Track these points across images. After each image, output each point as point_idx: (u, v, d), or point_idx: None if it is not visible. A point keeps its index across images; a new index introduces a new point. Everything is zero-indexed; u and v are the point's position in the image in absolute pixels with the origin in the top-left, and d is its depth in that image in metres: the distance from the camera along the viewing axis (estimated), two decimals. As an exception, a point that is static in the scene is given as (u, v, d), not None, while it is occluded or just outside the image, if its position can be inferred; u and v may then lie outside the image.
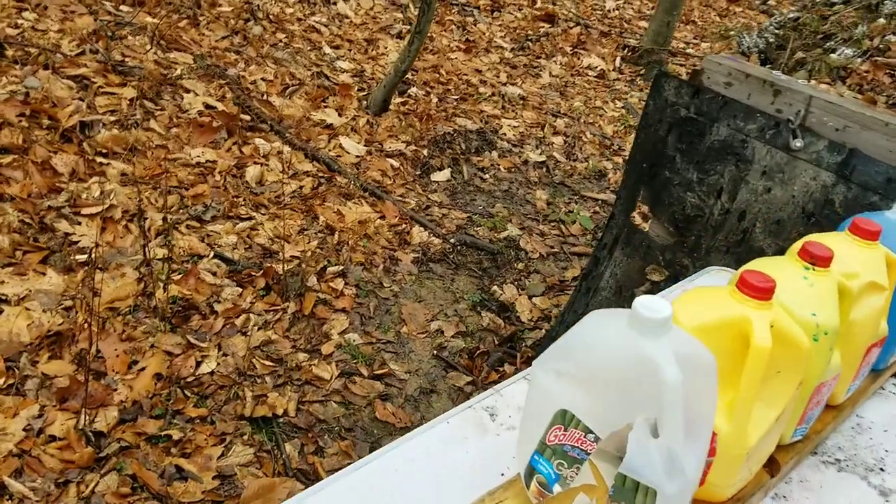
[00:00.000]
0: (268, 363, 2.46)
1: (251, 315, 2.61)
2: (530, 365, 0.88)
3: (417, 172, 3.86)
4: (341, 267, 2.94)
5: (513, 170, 4.28)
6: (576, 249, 3.65)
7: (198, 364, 2.39)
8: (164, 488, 2.00)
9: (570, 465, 0.79)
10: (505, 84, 5.39)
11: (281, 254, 2.84)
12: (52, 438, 2.02)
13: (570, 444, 0.79)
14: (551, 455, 0.80)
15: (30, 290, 2.44)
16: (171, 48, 4.14)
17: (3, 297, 2.39)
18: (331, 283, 2.84)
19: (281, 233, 3.01)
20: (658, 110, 2.28)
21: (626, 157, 3.68)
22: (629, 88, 5.91)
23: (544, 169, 4.40)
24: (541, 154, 4.55)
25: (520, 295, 3.18)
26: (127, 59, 3.79)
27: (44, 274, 2.53)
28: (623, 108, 5.50)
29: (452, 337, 2.84)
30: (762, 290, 0.82)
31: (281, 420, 2.30)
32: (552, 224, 3.82)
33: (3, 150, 2.93)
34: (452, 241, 3.33)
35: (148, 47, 3.98)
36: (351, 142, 3.80)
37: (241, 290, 2.70)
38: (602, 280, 2.67)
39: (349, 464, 2.23)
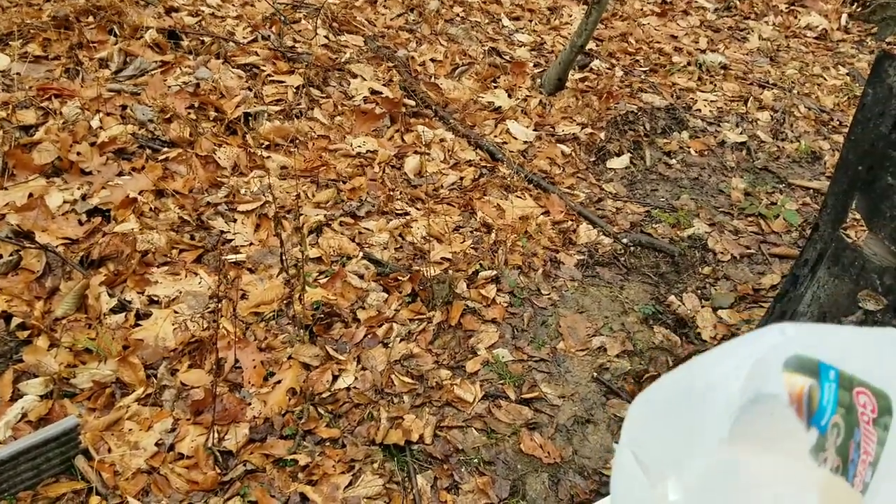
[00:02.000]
0: (407, 380, 2.29)
1: (394, 325, 2.44)
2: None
3: (591, 159, 3.50)
4: (495, 271, 2.69)
5: (706, 153, 3.78)
6: (777, 251, 3.13)
7: (334, 378, 2.26)
8: (286, 518, 1.89)
9: (848, 433, 0.53)
10: (704, 51, 4.80)
11: (429, 256, 2.64)
12: (181, 456, 1.98)
13: (867, 412, 0.52)
14: (846, 389, 0.53)
15: (180, 292, 2.44)
16: (343, 30, 4.06)
17: (155, 299, 2.40)
18: (482, 290, 2.61)
19: (434, 231, 2.81)
20: (880, 101, 1.78)
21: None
22: (857, 51, 5.06)
23: (744, 151, 3.85)
24: (741, 133, 3.98)
25: (702, 307, 2.76)
26: (297, 45, 3.75)
27: (196, 274, 2.52)
28: (848, 74, 4.71)
29: (617, 356, 2.51)
30: None
31: (415, 447, 2.12)
32: (749, 219, 3.31)
33: (170, 143, 2.97)
34: (625, 240, 2.96)
35: (320, 31, 3.92)
36: (519, 126, 3.51)
37: (386, 295, 2.54)
38: (801, 304, 2.20)
39: (486, 504, 2.00)
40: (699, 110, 4.14)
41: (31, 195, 2.59)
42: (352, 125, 3.36)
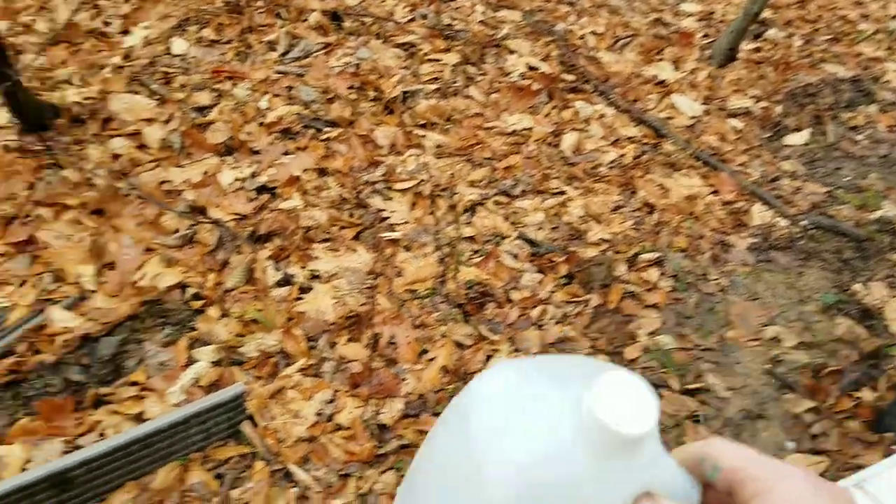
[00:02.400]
0: (562, 364, 2.21)
1: (549, 307, 2.37)
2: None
3: (766, 135, 3.24)
4: (658, 253, 2.55)
5: (897, 128, 3.41)
6: (984, 237, 2.76)
7: (487, 358, 2.23)
8: (438, 496, 1.88)
9: None
10: (894, 17, 4.33)
11: (586, 237, 2.54)
12: (339, 427, 2.02)
13: None
14: None
15: (339, 268, 2.49)
16: (500, 6, 4.00)
17: (316, 274, 2.47)
18: (643, 273, 2.48)
19: (592, 210, 2.70)
20: None
21: None
22: None
23: (944, 125, 3.43)
24: (941, 105, 3.55)
25: (892, 297, 2.48)
26: (455, 22, 3.73)
27: (355, 251, 2.57)
28: None
29: (793, 348, 2.31)
30: None
31: (570, 433, 2.05)
32: (950, 201, 2.95)
33: (332, 123, 3.04)
34: (804, 222, 2.72)
35: (477, 7, 3.88)
36: (686, 100, 3.31)
37: (541, 276, 2.48)
38: None
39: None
40: (888, 82, 3.74)
41: (205, 172, 2.73)
42: (508, 102, 3.30)
